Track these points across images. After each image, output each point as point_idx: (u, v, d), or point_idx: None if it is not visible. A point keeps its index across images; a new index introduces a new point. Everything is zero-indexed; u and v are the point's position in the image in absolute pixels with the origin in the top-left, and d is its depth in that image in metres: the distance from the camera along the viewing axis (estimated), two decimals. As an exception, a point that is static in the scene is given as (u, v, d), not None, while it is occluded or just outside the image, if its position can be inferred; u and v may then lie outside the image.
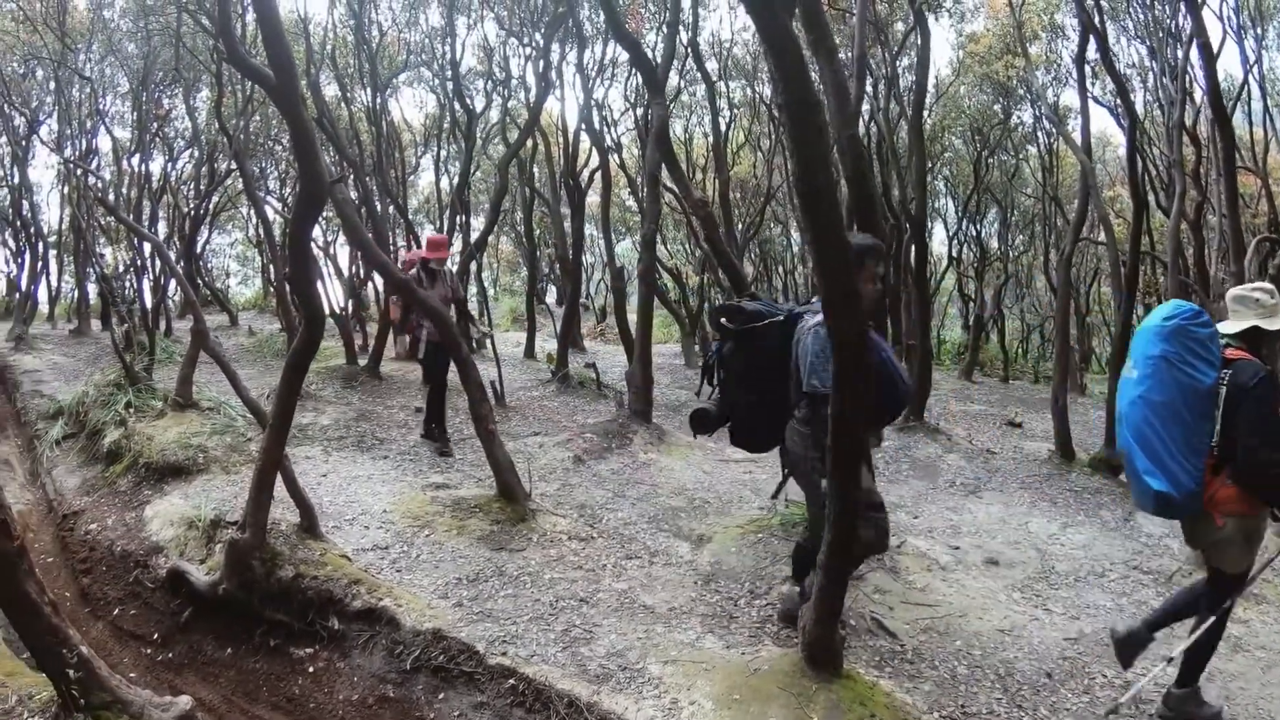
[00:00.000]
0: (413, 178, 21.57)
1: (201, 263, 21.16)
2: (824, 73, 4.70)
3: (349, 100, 16.08)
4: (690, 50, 13.69)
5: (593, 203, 20.51)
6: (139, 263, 14.24)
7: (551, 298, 24.92)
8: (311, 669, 4.86)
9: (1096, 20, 9.70)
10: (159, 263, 13.47)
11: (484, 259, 21.47)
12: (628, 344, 11.49)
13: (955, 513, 7.26)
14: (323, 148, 7.80)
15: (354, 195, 14.05)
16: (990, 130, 18.85)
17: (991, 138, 19.07)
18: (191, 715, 3.76)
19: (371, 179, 14.56)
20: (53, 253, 19.06)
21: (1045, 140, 18.96)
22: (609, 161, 16.23)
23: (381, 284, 14.78)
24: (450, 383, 8.38)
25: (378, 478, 7.45)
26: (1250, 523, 3.81)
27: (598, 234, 23.64)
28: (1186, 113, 13.03)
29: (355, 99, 16.45)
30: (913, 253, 12.65)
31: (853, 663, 4.32)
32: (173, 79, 15.68)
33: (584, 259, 21.64)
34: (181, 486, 7.07)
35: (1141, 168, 12.10)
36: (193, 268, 17.56)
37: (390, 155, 16.11)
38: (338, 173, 11.94)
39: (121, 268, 16.44)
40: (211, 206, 20.16)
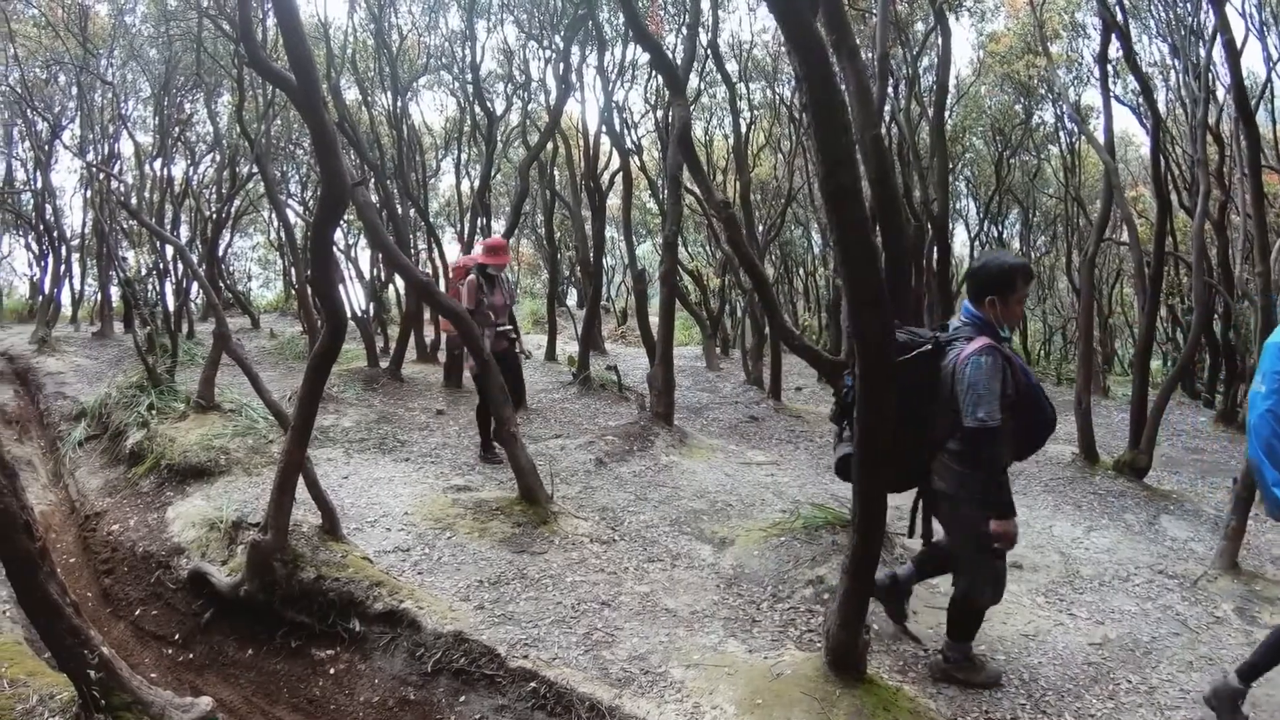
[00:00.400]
0: (433, 181, 21.56)
1: (223, 266, 21.26)
2: (846, 73, 4.66)
3: (369, 104, 16.11)
4: (710, 52, 13.65)
5: (613, 205, 20.53)
6: (161, 266, 14.30)
7: (572, 300, 24.96)
8: (332, 671, 4.86)
9: (1119, 18, 9.61)
10: (181, 266, 13.50)
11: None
12: (649, 346, 11.48)
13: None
14: (344, 151, 7.81)
15: (375, 199, 14.08)
16: (1011, 130, 18.76)
17: (1013, 138, 18.97)
18: (212, 716, 3.76)
19: (393, 182, 14.59)
20: (76, 256, 19.24)
21: (1067, 140, 18.83)
22: (629, 163, 16.19)
23: (403, 287, 14.82)
24: (471, 384, 8.40)
25: (399, 480, 7.45)
26: None
27: (618, 236, 23.68)
28: (1209, 111, 12.90)
29: (376, 103, 16.49)
30: (935, 254, 12.59)
31: (876, 667, 4.29)
32: (194, 84, 15.78)
33: (605, 261, 21.67)
34: (203, 488, 7.10)
35: (1164, 167, 12.00)
36: (215, 271, 17.64)
37: (411, 158, 16.10)
38: (359, 176, 11.99)
39: (144, 271, 16.54)
40: (233, 210, 20.26)
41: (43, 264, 18.52)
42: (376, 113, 16.44)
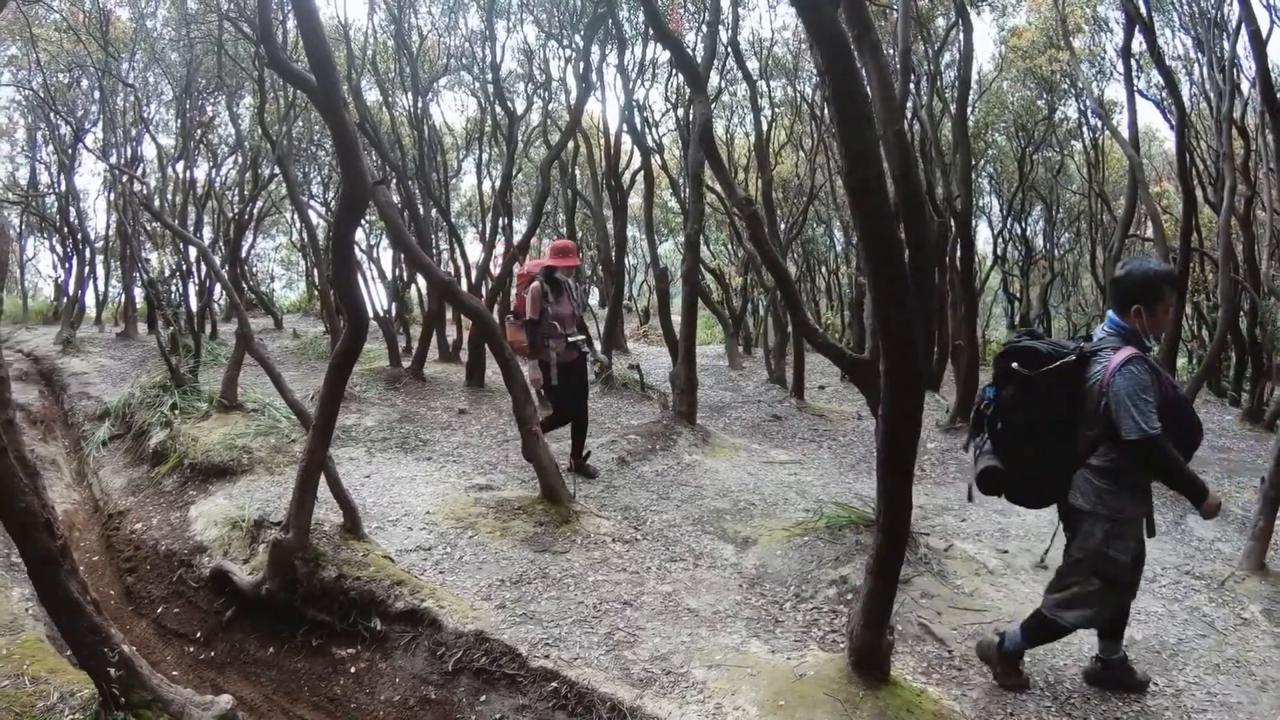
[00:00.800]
0: (455, 181, 21.60)
1: (246, 267, 21.34)
2: (869, 68, 4.62)
3: (390, 105, 16.17)
4: (731, 49, 13.61)
5: (635, 204, 20.49)
6: (184, 267, 14.44)
7: (594, 299, 24.94)
8: (353, 669, 4.86)
9: (1143, 11, 9.52)
10: (204, 267, 13.61)
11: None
12: (671, 345, 11.44)
13: (1004, 515, 7.12)
14: (365, 152, 7.83)
15: (397, 199, 14.12)
16: (1034, 126, 18.59)
17: (1036, 133, 18.80)
18: (232, 714, 3.77)
19: (414, 182, 14.64)
20: (100, 258, 19.39)
21: (1090, 135, 18.68)
22: (651, 162, 16.18)
23: (425, 286, 14.83)
24: (494, 383, 8.34)
25: (421, 479, 7.46)
26: None
27: (640, 235, 23.61)
28: (1235, 105, 12.74)
29: (396, 103, 16.55)
30: (958, 251, 12.50)
31: (900, 669, 4.24)
32: (216, 86, 15.86)
33: (626, 260, 21.63)
34: (226, 487, 7.14)
35: (1189, 162, 11.86)
36: (237, 272, 17.72)
37: (432, 159, 16.13)
38: (380, 176, 12.02)
39: (167, 272, 16.69)
40: (256, 211, 20.35)
41: (67, 266, 18.76)
42: (397, 113, 16.50)
